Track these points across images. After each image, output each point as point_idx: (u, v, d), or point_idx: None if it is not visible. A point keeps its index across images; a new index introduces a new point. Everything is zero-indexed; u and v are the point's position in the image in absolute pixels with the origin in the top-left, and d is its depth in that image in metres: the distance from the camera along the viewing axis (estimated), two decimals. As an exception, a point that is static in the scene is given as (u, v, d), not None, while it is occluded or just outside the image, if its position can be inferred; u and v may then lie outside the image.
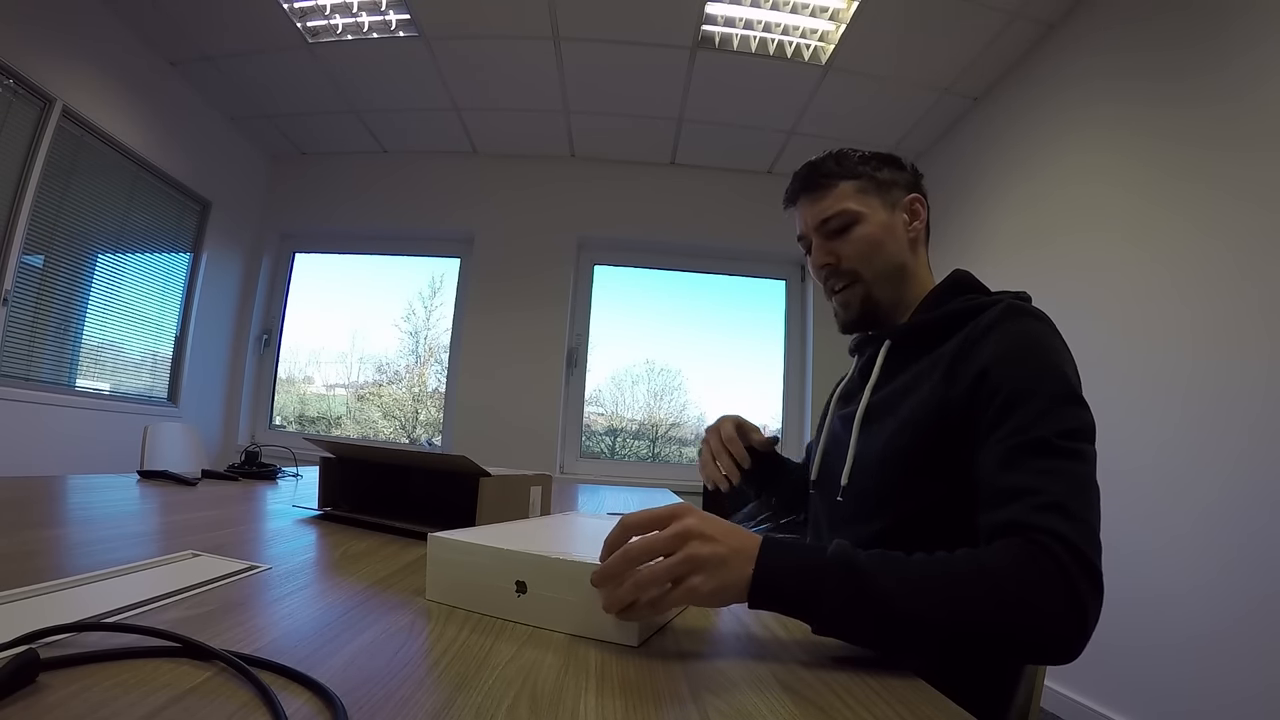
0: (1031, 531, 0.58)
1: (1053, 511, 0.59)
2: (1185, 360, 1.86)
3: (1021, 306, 0.78)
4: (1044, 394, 0.67)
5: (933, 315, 0.85)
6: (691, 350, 4.18)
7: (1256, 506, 1.62)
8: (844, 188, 0.90)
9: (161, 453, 2.16)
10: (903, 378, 0.85)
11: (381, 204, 4.04)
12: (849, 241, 0.90)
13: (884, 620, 0.53)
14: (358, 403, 4.32)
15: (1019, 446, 0.65)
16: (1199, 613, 1.74)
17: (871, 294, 0.90)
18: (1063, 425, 0.65)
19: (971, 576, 0.55)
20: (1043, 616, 0.54)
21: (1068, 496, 0.60)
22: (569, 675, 0.45)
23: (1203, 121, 1.87)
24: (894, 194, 0.92)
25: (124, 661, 0.38)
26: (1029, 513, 0.59)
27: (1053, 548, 0.56)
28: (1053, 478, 0.62)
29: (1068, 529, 0.57)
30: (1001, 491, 0.64)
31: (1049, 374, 0.69)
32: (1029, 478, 0.62)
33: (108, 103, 2.91)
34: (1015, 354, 0.72)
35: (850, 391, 0.98)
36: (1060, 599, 0.55)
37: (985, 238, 2.94)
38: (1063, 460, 0.63)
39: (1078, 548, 0.56)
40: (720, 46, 2.87)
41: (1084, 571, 0.56)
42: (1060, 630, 0.55)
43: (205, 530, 0.86)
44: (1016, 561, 0.56)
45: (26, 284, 2.67)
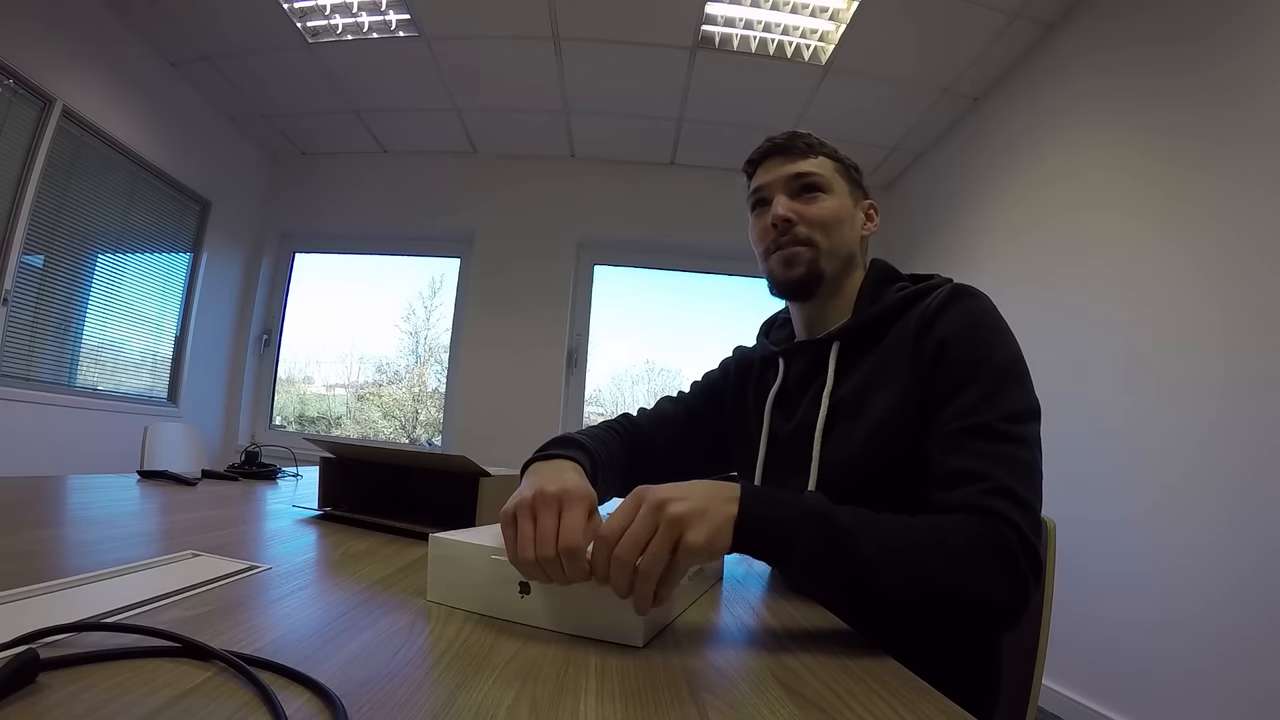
0: (984, 515, 0.62)
1: (1001, 496, 0.63)
2: (1188, 359, 1.86)
3: (966, 287, 0.81)
4: (990, 376, 0.71)
5: (877, 309, 0.85)
6: (691, 350, 4.18)
7: (1261, 506, 1.62)
8: (823, 160, 0.91)
9: (161, 453, 2.16)
10: (858, 375, 0.83)
11: (381, 204, 4.04)
12: (815, 205, 0.88)
13: (853, 572, 0.58)
14: (358, 403, 4.32)
15: (964, 431, 0.69)
16: (1199, 613, 1.74)
17: (819, 262, 0.88)
18: (1007, 409, 0.69)
19: (935, 542, 0.60)
20: (990, 589, 0.59)
21: (1014, 481, 0.64)
22: (569, 675, 0.45)
23: (1203, 121, 1.87)
24: (858, 192, 0.94)
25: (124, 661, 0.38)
26: (980, 496, 0.64)
27: (1004, 531, 0.61)
28: (998, 462, 0.66)
29: (1017, 515, 0.62)
30: (951, 474, 0.67)
31: (996, 355, 0.73)
32: (975, 462, 0.66)
33: (108, 103, 2.91)
34: (967, 332, 0.75)
35: (787, 397, 0.92)
36: (1006, 577, 0.60)
37: (985, 237, 2.94)
38: (1007, 445, 0.67)
39: (1024, 534, 0.61)
40: (720, 46, 2.87)
41: (1028, 556, 0.61)
42: (1003, 603, 0.60)
43: (205, 530, 0.86)
44: (972, 538, 0.61)
45: (26, 284, 2.67)
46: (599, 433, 0.94)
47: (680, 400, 1.05)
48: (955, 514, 0.64)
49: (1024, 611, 0.62)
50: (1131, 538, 1.97)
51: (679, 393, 1.07)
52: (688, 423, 1.02)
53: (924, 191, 3.58)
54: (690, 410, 1.03)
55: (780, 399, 0.93)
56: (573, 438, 0.83)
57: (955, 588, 0.59)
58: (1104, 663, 2.03)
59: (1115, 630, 1.99)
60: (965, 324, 0.75)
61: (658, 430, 1.01)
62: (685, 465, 1.03)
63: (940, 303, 0.78)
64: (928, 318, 0.78)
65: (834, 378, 0.85)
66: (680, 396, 1.06)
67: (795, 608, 0.71)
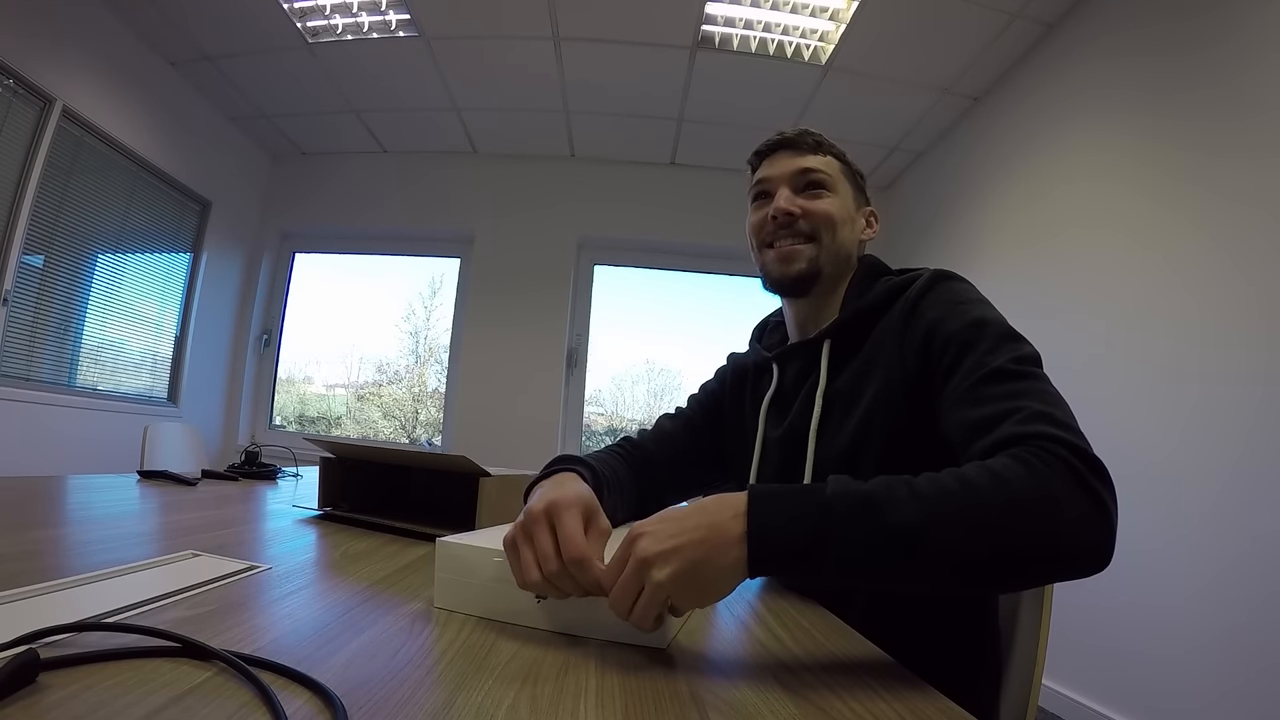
0: (1029, 440, 0.56)
1: (1040, 420, 0.58)
2: (1186, 359, 1.86)
3: (946, 271, 0.81)
4: (989, 336, 0.70)
5: (864, 303, 0.85)
6: (691, 350, 4.18)
7: (1258, 506, 1.62)
8: (830, 160, 0.91)
9: (161, 453, 2.15)
10: (848, 372, 0.83)
11: (381, 204, 4.04)
12: (820, 203, 0.88)
13: (911, 552, 0.49)
14: (358, 403, 4.32)
15: (980, 381, 0.66)
16: (1199, 612, 1.74)
17: (820, 259, 0.87)
18: (1014, 354, 0.67)
19: (995, 491, 0.51)
20: (1069, 517, 0.51)
21: (1047, 406, 0.60)
22: (569, 675, 0.45)
23: (1203, 118, 1.87)
24: (860, 198, 0.94)
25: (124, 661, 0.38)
26: (1017, 426, 0.58)
27: (1056, 450, 0.54)
28: (1024, 396, 0.62)
29: (1062, 432, 0.56)
30: (980, 423, 0.62)
31: (987, 321, 0.72)
32: (1002, 403, 0.62)
33: (108, 103, 2.91)
34: (953, 310, 0.74)
35: (782, 400, 0.92)
36: (1080, 496, 0.52)
37: (985, 237, 2.94)
38: (1026, 381, 0.64)
39: (1077, 445, 0.55)
40: (720, 46, 2.87)
41: (1091, 467, 0.54)
42: (1089, 530, 0.52)
43: (205, 530, 0.86)
44: (1028, 467, 0.53)
45: (26, 284, 2.67)
46: (601, 454, 0.92)
47: (679, 416, 1.05)
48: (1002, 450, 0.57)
49: (1111, 533, 0.53)
50: (1131, 538, 1.96)
51: (677, 409, 1.07)
52: (689, 438, 1.01)
53: (924, 191, 3.58)
54: (690, 425, 1.02)
55: (775, 403, 0.92)
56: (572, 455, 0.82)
57: (1029, 527, 0.50)
58: (1104, 663, 2.03)
59: (1115, 630, 1.99)
60: (950, 301, 0.76)
61: (660, 450, 0.99)
62: (692, 480, 1.03)
63: (919, 290, 0.79)
64: (909, 305, 0.78)
65: (827, 375, 0.85)
66: (679, 412, 1.06)
67: (795, 608, 0.71)
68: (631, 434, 1.05)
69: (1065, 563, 0.52)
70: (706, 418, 1.02)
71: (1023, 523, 0.50)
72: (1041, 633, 0.76)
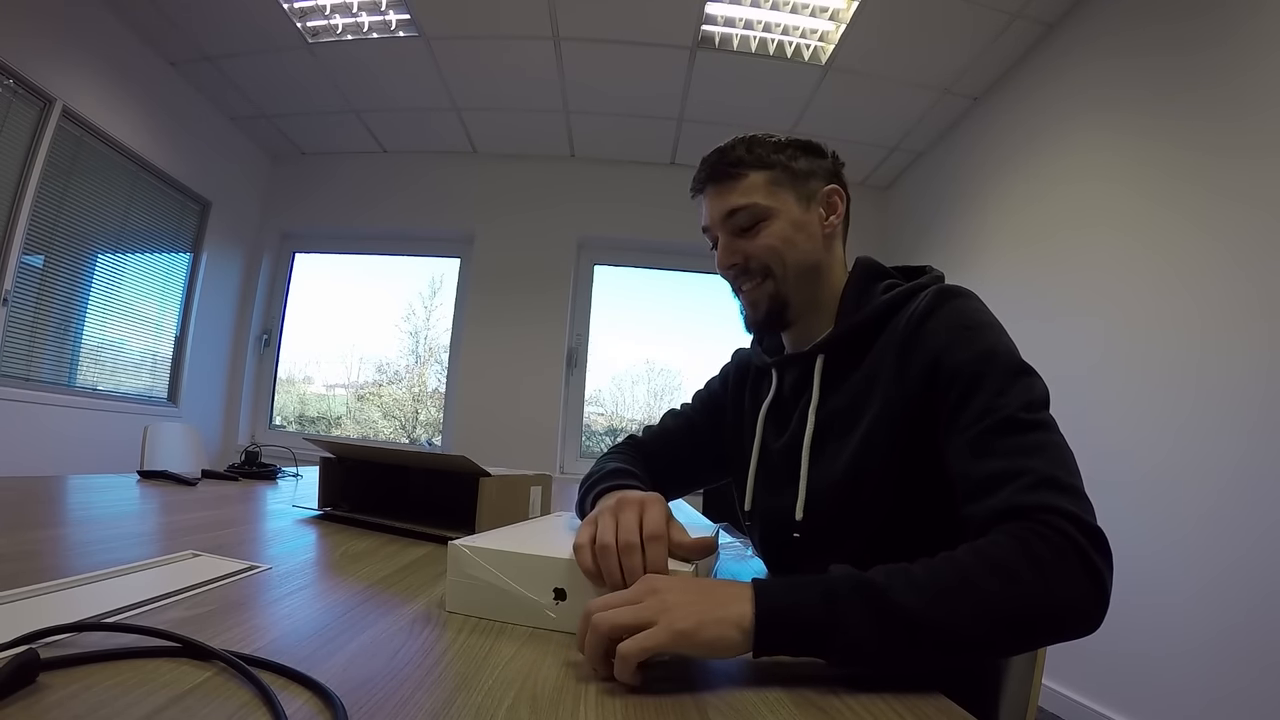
0: (1031, 512, 0.56)
1: (1045, 488, 0.57)
2: (1187, 359, 1.86)
3: (950, 288, 0.75)
4: (998, 372, 0.66)
5: (860, 317, 0.80)
6: (691, 350, 4.18)
7: (1257, 506, 1.62)
8: (754, 179, 0.83)
9: (161, 453, 2.15)
10: (846, 390, 0.79)
11: (381, 204, 4.04)
12: (758, 239, 0.82)
13: (915, 638, 0.49)
14: (358, 403, 4.32)
15: (988, 430, 0.63)
16: (1199, 612, 1.74)
17: (781, 292, 0.83)
18: (1023, 398, 0.64)
19: (985, 571, 0.52)
20: (1065, 594, 0.52)
21: (1053, 468, 0.59)
22: (569, 675, 0.45)
23: (1204, 118, 1.87)
24: (810, 185, 0.85)
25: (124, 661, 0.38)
26: (1021, 494, 0.57)
27: (1056, 523, 0.54)
28: (1032, 454, 0.60)
29: (1065, 501, 0.56)
30: (985, 480, 0.61)
31: (997, 351, 0.68)
32: (1009, 460, 0.61)
33: (108, 103, 2.91)
34: (960, 337, 0.70)
35: (780, 410, 0.89)
36: (1078, 572, 0.53)
37: (985, 237, 2.94)
38: (1035, 433, 0.62)
39: (1079, 517, 0.55)
40: (720, 46, 2.87)
41: (1091, 539, 0.54)
42: (1083, 604, 0.53)
43: (205, 530, 0.86)
44: (1025, 545, 0.54)
45: (26, 284, 2.67)
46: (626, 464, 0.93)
47: (682, 414, 1.05)
48: (1002, 524, 0.57)
49: (1105, 603, 0.54)
50: (1131, 538, 1.97)
51: (682, 405, 1.07)
52: (690, 437, 1.02)
53: (924, 191, 3.58)
54: (692, 424, 1.03)
55: (773, 411, 0.90)
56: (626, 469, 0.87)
57: (1025, 607, 0.51)
58: (1104, 663, 2.03)
59: (1115, 630, 1.98)
60: (957, 325, 0.71)
61: (664, 450, 1.01)
62: (694, 479, 1.04)
63: (924, 309, 0.73)
64: (912, 326, 0.73)
65: (819, 393, 0.82)
66: (683, 409, 1.06)
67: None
68: (630, 434, 1.05)
69: (1056, 635, 0.54)
70: (708, 418, 1.02)
71: (1023, 611, 0.52)
72: (1041, 633, 0.76)
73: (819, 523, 0.78)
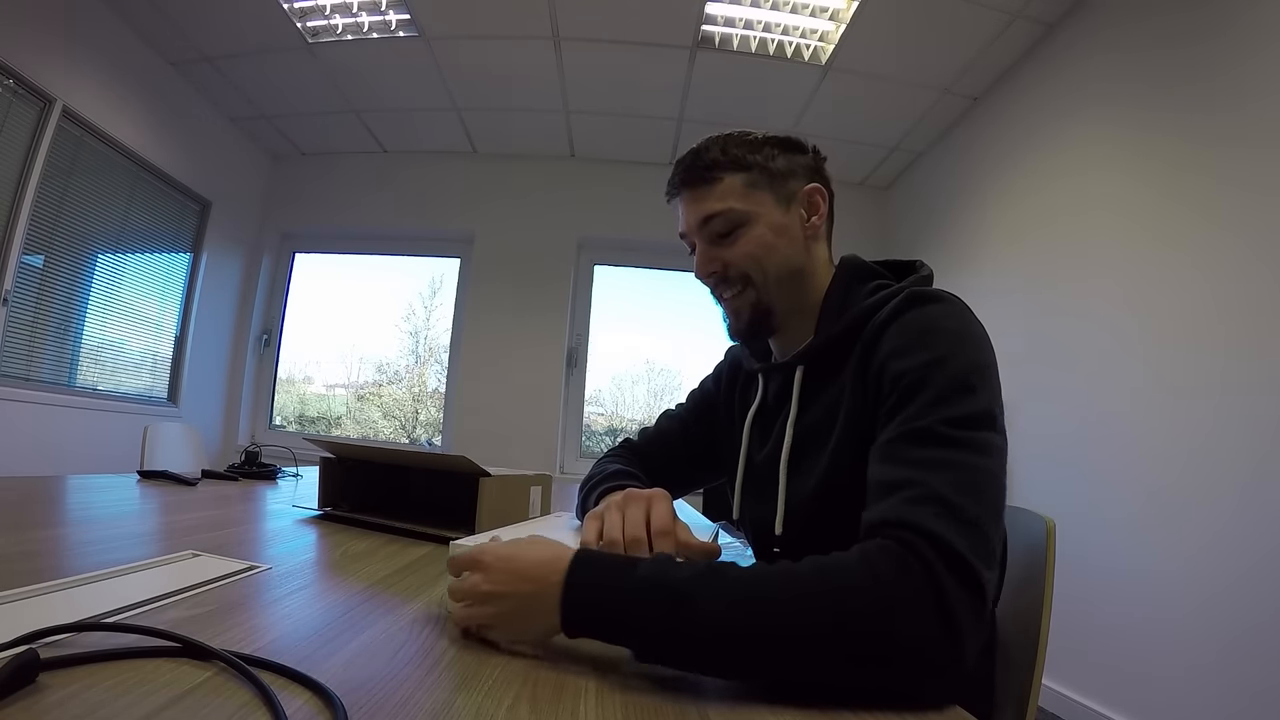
0: (899, 529, 0.50)
1: (929, 504, 0.51)
2: (1185, 360, 1.86)
3: (920, 293, 0.70)
4: (937, 382, 0.61)
5: (839, 327, 0.77)
6: (691, 350, 4.18)
7: (1260, 506, 1.61)
8: (730, 182, 0.79)
9: (161, 453, 2.15)
10: (822, 401, 0.77)
11: (381, 204, 4.04)
12: (736, 245, 0.79)
13: (713, 645, 0.45)
14: (358, 403, 4.32)
15: (902, 438, 0.59)
16: (1199, 612, 1.74)
17: (763, 300, 0.80)
18: (952, 413, 0.58)
19: (815, 587, 0.47)
20: (900, 627, 0.45)
21: (950, 488, 0.52)
22: (569, 675, 0.45)
23: (1204, 119, 1.87)
24: (790, 185, 0.81)
25: (124, 661, 0.38)
26: (901, 507, 0.52)
27: (918, 545, 0.48)
28: (934, 469, 0.54)
29: (943, 525, 0.50)
30: (878, 487, 0.57)
31: (945, 361, 0.62)
32: (909, 470, 0.55)
33: (108, 103, 2.91)
34: (908, 345, 0.65)
35: (765, 418, 0.88)
36: (925, 606, 0.46)
37: (985, 237, 2.94)
38: (949, 449, 0.56)
39: (950, 546, 0.48)
40: (720, 46, 2.87)
41: (956, 573, 0.47)
42: (922, 643, 0.45)
43: (205, 530, 0.86)
44: (870, 566, 0.48)
45: (26, 284, 2.67)
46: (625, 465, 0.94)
47: (677, 415, 1.05)
48: (871, 536, 0.52)
49: (957, 648, 0.46)
50: (1131, 537, 1.97)
51: (677, 405, 1.07)
52: (685, 438, 1.02)
53: (924, 191, 3.58)
54: (686, 425, 1.03)
55: (758, 420, 0.89)
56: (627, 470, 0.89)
57: (845, 632, 0.45)
58: (1104, 663, 2.03)
59: (1115, 630, 1.99)
60: (916, 331, 0.66)
61: (660, 452, 1.02)
62: (692, 479, 1.05)
63: (888, 316, 0.70)
64: (874, 333, 0.70)
65: (798, 405, 0.80)
66: (678, 410, 1.06)
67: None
68: (630, 434, 1.06)
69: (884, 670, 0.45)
70: (701, 420, 1.02)
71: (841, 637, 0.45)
72: (1041, 633, 0.76)
73: (798, 537, 0.77)
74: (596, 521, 0.60)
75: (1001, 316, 2.65)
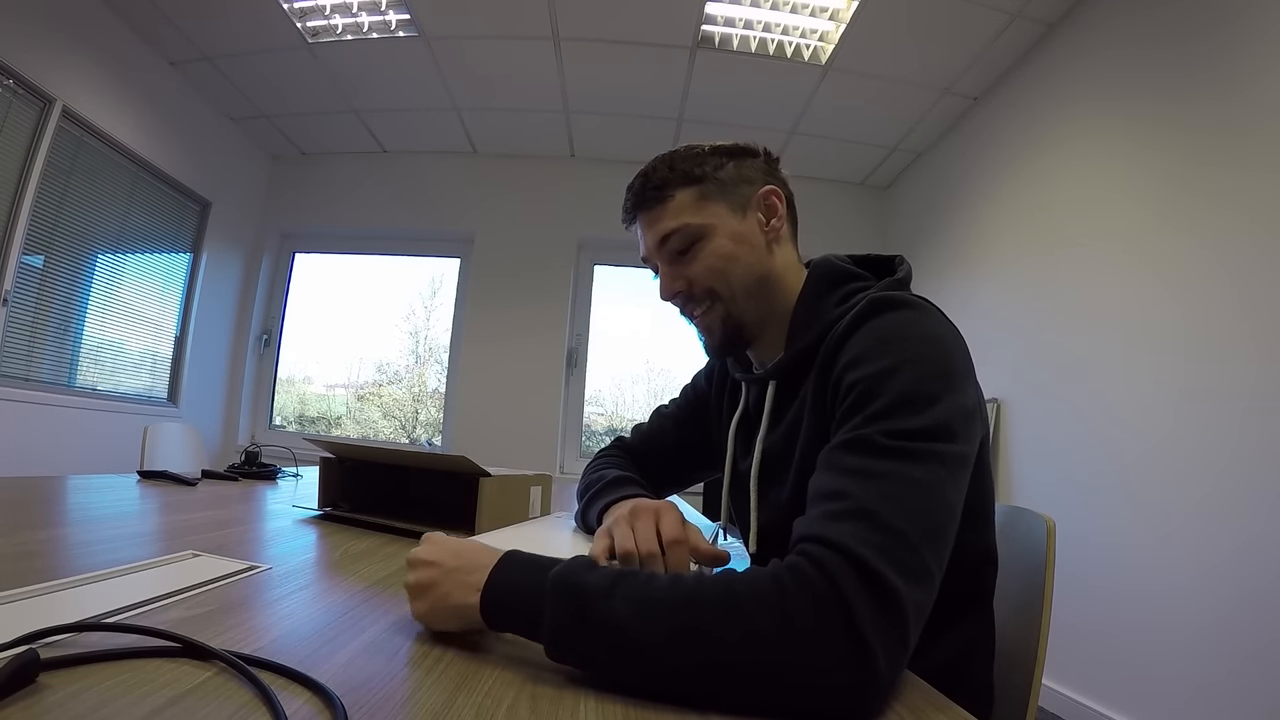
0: (816, 545, 0.48)
1: (851, 519, 0.49)
2: (1186, 360, 1.86)
3: (886, 299, 0.67)
4: (887, 393, 0.58)
5: (804, 343, 0.75)
6: (691, 350, 4.18)
7: (1253, 505, 1.62)
8: (681, 198, 0.78)
9: (161, 453, 2.15)
10: (789, 416, 0.76)
11: (381, 204, 4.04)
12: (697, 261, 0.78)
13: (615, 650, 0.44)
14: (358, 403, 4.32)
15: (842, 446, 0.57)
16: (1199, 612, 1.74)
17: (732, 314, 0.79)
18: (898, 424, 0.55)
19: (719, 601, 0.44)
20: (804, 646, 0.42)
21: (879, 502, 0.50)
22: (569, 675, 0.45)
23: (1204, 118, 1.87)
24: (743, 192, 0.79)
25: (124, 661, 0.38)
26: (822, 522, 0.50)
27: (832, 565, 0.45)
28: (866, 481, 0.52)
29: (863, 544, 0.46)
30: (811, 497, 0.55)
31: (898, 371, 0.59)
32: (840, 481, 0.53)
33: (108, 103, 2.91)
34: (865, 354, 0.63)
35: (747, 427, 0.87)
36: (833, 631, 0.43)
37: (985, 237, 2.94)
38: (888, 461, 0.53)
39: (867, 564, 0.45)
40: (720, 46, 2.87)
41: (872, 594, 0.44)
42: (827, 664, 0.42)
43: (205, 530, 0.86)
44: (778, 584, 0.45)
45: (26, 284, 2.67)
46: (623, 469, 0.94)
47: (669, 413, 1.06)
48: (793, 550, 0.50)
49: (870, 680, 0.42)
50: (1131, 537, 1.97)
51: (670, 401, 1.07)
52: (679, 435, 1.02)
53: (924, 191, 3.58)
54: (679, 422, 1.03)
55: (741, 427, 0.89)
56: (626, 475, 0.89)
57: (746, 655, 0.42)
58: (1104, 663, 2.03)
59: (1115, 630, 1.99)
60: (874, 340, 0.63)
61: (653, 450, 1.03)
62: (686, 476, 1.06)
63: (849, 324, 0.67)
64: (834, 344, 0.68)
65: (768, 421, 0.80)
66: (671, 406, 1.07)
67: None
68: (620, 435, 1.07)
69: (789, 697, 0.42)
70: (693, 417, 1.02)
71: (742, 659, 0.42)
72: (1042, 633, 0.76)
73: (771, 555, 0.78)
74: (606, 538, 0.61)
75: (1001, 316, 2.65)
